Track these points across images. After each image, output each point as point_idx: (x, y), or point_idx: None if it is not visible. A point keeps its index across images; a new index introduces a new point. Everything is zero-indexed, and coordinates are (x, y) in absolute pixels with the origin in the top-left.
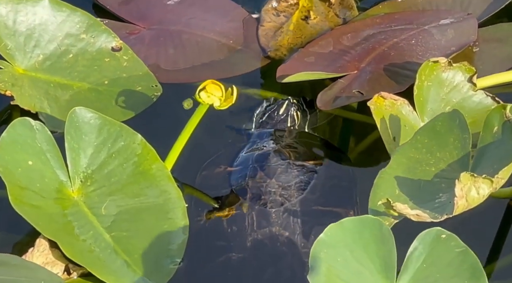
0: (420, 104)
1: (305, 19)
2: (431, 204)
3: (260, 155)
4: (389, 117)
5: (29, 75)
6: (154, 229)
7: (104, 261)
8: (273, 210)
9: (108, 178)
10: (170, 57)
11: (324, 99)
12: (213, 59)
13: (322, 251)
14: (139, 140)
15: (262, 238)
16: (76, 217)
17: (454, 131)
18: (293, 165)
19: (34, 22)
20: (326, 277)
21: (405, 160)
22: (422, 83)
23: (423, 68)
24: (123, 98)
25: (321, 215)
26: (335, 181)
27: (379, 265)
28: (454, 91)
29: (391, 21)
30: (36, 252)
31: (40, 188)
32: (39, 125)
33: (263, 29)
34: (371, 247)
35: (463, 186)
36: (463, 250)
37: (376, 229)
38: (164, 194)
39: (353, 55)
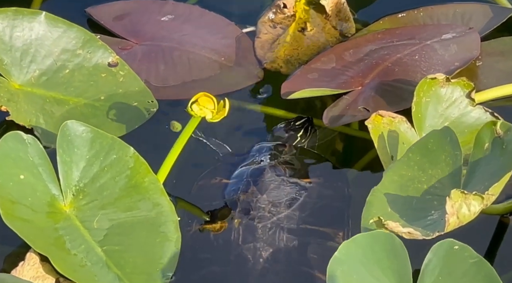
0: (418, 121)
1: (302, 31)
2: (423, 221)
3: (255, 169)
4: (387, 135)
5: (25, 90)
6: (146, 243)
7: (96, 275)
8: (259, 226)
9: (100, 192)
10: (161, 73)
11: (330, 116)
12: (203, 76)
13: (338, 270)
14: (131, 153)
15: (246, 253)
16: (68, 231)
17: (446, 148)
18: (286, 182)
19: (31, 38)
20: None
21: (397, 178)
22: (420, 99)
23: (421, 84)
24: (119, 114)
25: (308, 234)
26: (327, 201)
27: (394, 280)
28: (453, 107)
29: (393, 36)
30: (26, 265)
31: (31, 202)
32: (31, 139)
33: (260, 40)
34: (384, 262)
35: (453, 203)
36: (477, 261)
37: (388, 244)
38: (157, 208)
39: (357, 71)
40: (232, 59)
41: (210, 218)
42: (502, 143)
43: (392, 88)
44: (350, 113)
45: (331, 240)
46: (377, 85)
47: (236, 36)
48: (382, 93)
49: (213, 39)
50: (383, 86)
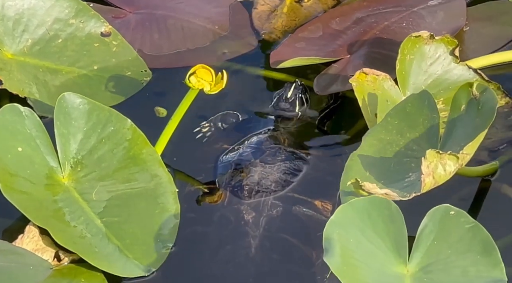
0: (402, 78)
1: (299, 2)
2: (400, 183)
3: (255, 137)
4: (371, 93)
5: (18, 60)
6: (145, 214)
7: (96, 246)
8: (246, 188)
9: (99, 164)
10: (155, 42)
11: (320, 84)
12: (198, 44)
13: (334, 233)
14: (128, 125)
15: (229, 214)
16: (67, 203)
17: (424, 111)
18: (283, 151)
19: (23, 7)
20: (342, 257)
21: (376, 142)
22: (404, 57)
23: (406, 42)
24: (113, 83)
25: (293, 202)
26: (319, 173)
27: (390, 244)
28: (436, 64)
29: (379, 3)
30: (26, 238)
31: (30, 174)
32: (28, 111)
33: (257, 11)
34: (380, 226)
35: (429, 163)
36: (473, 226)
37: (384, 208)
38: (155, 179)
39: (345, 39)
40: (226, 28)
41: (205, 184)
42: (478, 104)
43: (380, 56)
44: (340, 82)
45: (318, 212)
46: (366, 53)
47: (230, 4)
48: (371, 61)
49: (207, 8)
50: (372, 54)
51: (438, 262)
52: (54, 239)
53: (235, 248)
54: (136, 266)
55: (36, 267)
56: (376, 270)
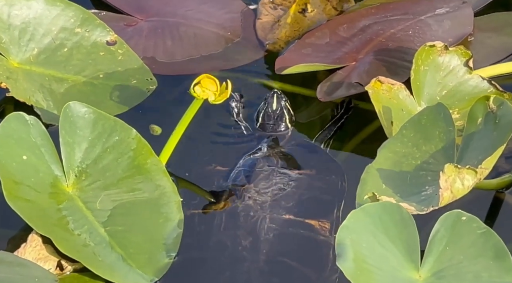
0: (416, 88)
1: (303, 12)
2: (417, 196)
3: (249, 159)
4: (386, 101)
5: (24, 69)
6: (149, 223)
7: (99, 255)
8: (242, 214)
9: (103, 173)
10: (168, 49)
11: (323, 91)
12: (210, 51)
13: (347, 238)
14: (133, 134)
15: (225, 240)
16: (71, 211)
17: (439, 124)
18: (277, 173)
19: (29, 16)
20: (355, 262)
21: (392, 155)
22: (418, 67)
23: (420, 52)
24: (118, 92)
25: (290, 225)
26: (316, 193)
27: (402, 249)
28: (451, 75)
29: (387, 11)
30: (28, 247)
31: (34, 182)
32: (33, 119)
33: (261, 22)
34: (393, 232)
35: (447, 177)
36: (485, 231)
37: (396, 214)
38: (159, 189)
39: (351, 46)
40: (238, 34)
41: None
42: (495, 117)
43: (386, 63)
44: (343, 88)
45: (316, 232)
46: (371, 60)
47: (242, 10)
48: (376, 68)
49: (219, 14)
50: (377, 61)
51: (450, 267)
52: (57, 248)
53: (234, 274)
54: (139, 275)
55: (41, 279)
56: (389, 275)
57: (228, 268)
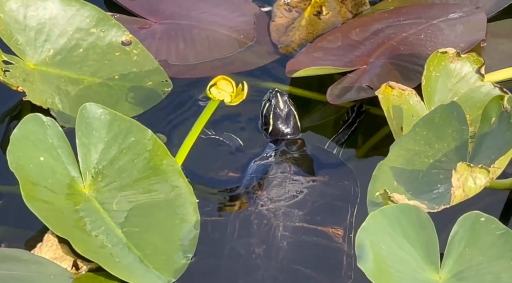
0: (427, 95)
1: (317, 15)
2: (429, 194)
3: (261, 165)
4: (396, 106)
5: (40, 70)
6: (165, 224)
7: (116, 256)
8: (255, 222)
9: (119, 174)
10: (181, 52)
11: (333, 94)
12: (223, 54)
13: (366, 239)
14: (149, 135)
15: (239, 248)
16: (88, 212)
17: (453, 122)
18: (289, 179)
19: (44, 17)
20: (375, 263)
21: (404, 152)
22: (430, 73)
23: (432, 58)
24: (134, 93)
25: (303, 232)
26: (328, 199)
27: (421, 251)
28: (462, 82)
29: (400, 15)
30: (44, 247)
31: (51, 183)
32: (50, 121)
33: (275, 24)
34: (411, 234)
35: (459, 176)
36: (504, 232)
37: (414, 216)
38: (175, 190)
39: (362, 50)
40: (252, 37)
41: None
42: (509, 117)
43: (397, 67)
44: (353, 91)
45: (329, 240)
46: (382, 63)
47: (255, 13)
48: (386, 71)
49: (231, 17)
50: (388, 65)
51: (470, 269)
52: (73, 248)
53: (248, 282)
54: (156, 276)
55: (57, 277)
56: (410, 277)
57: (242, 276)
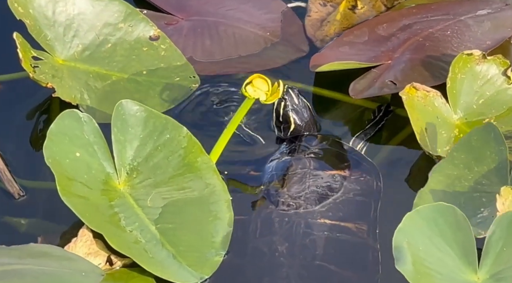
0: (453, 97)
1: (352, 9)
2: (473, 219)
3: (281, 162)
4: (421, 108)
5: (69, 66)
6: (199, 221)
7: (150, 252)
8: (277, 220)
9: (154, 171)
10: (207, 48)
11: (356, 88)
12: (249, 51)
13: (403, 241)
14: (184, 133)
15: (262, 246)
16: (122, 208)
17: (490, 144)
18: (310, 175)
19: (73, 12)
20: (413, 265)
21: (443, 178)
22: (455, 75)
23: (457, 60)
24: (161, 89)
25: (326, 229)
26: (350, 194)
27: (458, 251)
28: (488, 84)
29: (428, 11)
30: (79, 242)
31: (87, 179)
32: (86, 117)
33: (310, 19)
34: (448, 234)
35: (504, 200)
36: None
37: (450, 216)
38: (209, 187)
39: (388, 45)
40: (278, 34)
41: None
42: None
43: (421, 63)
44: (377, 86)
45: (352, 235)
46: (406, 59)
47: (282, 10)
48: (411, 67)
49: (258, 14)
50: (412, 61)
51: (508, 269)
52: (107, 244)
53: (273, 280)
54: (189, 273)
55: (88, 273)
56: (448, 278)
57: (267, 274)
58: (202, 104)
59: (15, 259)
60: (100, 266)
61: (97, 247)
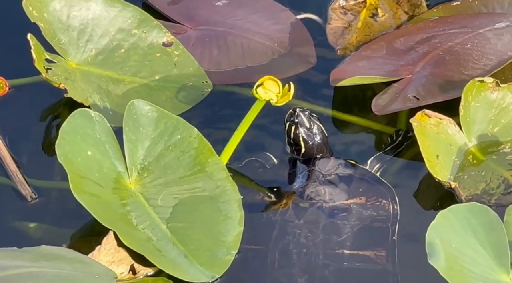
0: (466, 125)
1: (373, 17)
2: None
3: (295, 190)
4: (433, 135)
5: (82, 69)
6: (209, 220)
7: (161, 250)
8: (295, 251)
9: (165, 170)
10: (214, 58)
11: (379, 104)
12: (257, 61)
13: (437, 238)
14: (195, 134)
15: (281, 278)
16: (134, 207)
17: None
18: (325, 206)
19: (87, 17)
20: (446, 261)
21: None
22: (468, 103)
23: (469, 88)
24: (173, 94)
25: (345, 259)
26: (366, 222)
27: (491, 252)
28: (504, 112)
29: (445, 24)
30: (103, 250)
31: (98, 178)
32: (98, 116)
33: (331, 27)
34: (481, 234)
35: None
36: None
37: (483, 216)
38: (220, 187)
39: (407, 59)
40: (286, 45)
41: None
42: None
43: (443, 77)
44: (399, 101)
45: (372, 263)
46: (427, 73)
47: (290, 22)
48: (432, 81)
49: (267, 25)
50: (433, 75)
51: None
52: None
53: None
54: (200, 272)
55: (101, 276)
56: (481, 277)
57: None
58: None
59: (28, 262)
60: (123, 275)
61: (121, 255)
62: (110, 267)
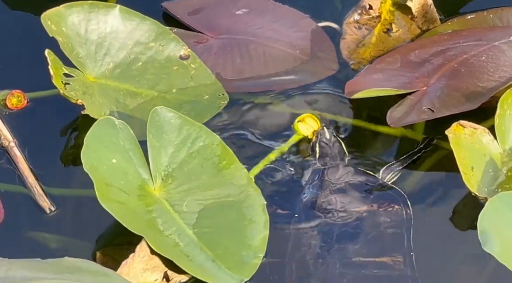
0: (501, 134)
1: (387, 32)
2: None
3: (307, 201)
4: (468, 146)
5: (100, 83)
6: (235, 225)
7: (189, 255)
8: (311, 262)
9: (188, 177)
10: (237, 66)
11: (394, 116)
12: (279, 69)
13: (489, 224)
14: (218, 141)
15: None
16: (159, 213)
17: None
18: (338, 213)
19: (105, 31)
20: (502, 247)
21: None
22: (504, 112)
23: (506, 96)
24: (190, 106)
25: (361, 267)
26: (380, 228)
27: None
28: None
29: (459, 37)
30: (136, 257)
31: (124, 185)
32: (122, 124)
33: (345, 41)
34: None
35: None
36: None
37: None
38: (244, 192)
39: (422, 71)
40: (307, 52)
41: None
42: None
43: (458, 89)
44: (414, 113)
45: (390, 269)
46: (442, 85)
47: (312, 29)
48: (447, 93)
49: (288, 32)
50: (448, 87)
51: None
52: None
53: None
54: (229, 276)
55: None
56: None
57: None
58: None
59: (52, 273)
60: (157, 282)
61: (154, 263)
62: (144, 274)
